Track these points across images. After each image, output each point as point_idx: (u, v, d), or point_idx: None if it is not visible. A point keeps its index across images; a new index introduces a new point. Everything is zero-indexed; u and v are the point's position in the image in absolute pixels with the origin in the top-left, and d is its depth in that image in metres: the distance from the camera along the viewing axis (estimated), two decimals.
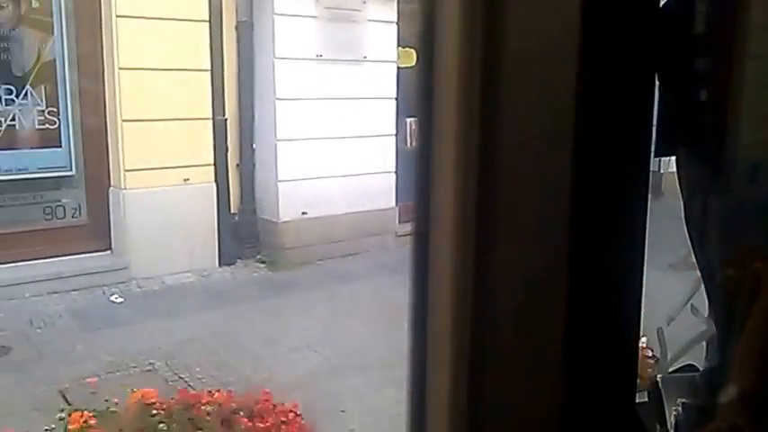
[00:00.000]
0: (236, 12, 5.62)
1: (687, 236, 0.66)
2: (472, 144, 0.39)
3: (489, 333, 0.41)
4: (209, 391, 2.66)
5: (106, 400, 2.67)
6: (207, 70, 5.39)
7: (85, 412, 2.42)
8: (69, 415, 2.44)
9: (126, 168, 5.09)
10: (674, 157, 0.67)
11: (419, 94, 0.42)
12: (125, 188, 5.12)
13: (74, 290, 4.80)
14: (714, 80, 0.59)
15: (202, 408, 2.45)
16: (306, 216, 5.65)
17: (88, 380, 3.62)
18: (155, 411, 2.41)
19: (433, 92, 0.40)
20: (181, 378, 3.71)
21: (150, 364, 3.85)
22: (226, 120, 5.56)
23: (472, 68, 0.39)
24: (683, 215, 0.66)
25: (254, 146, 5.75)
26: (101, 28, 5.09)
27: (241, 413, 2.47)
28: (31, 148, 5.11)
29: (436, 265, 0.41)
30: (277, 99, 5.57)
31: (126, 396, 2.79)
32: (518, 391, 0.41)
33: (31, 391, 3.57)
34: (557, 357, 0.41)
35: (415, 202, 0.43)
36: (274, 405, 2.58)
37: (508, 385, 0.41)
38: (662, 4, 0.49)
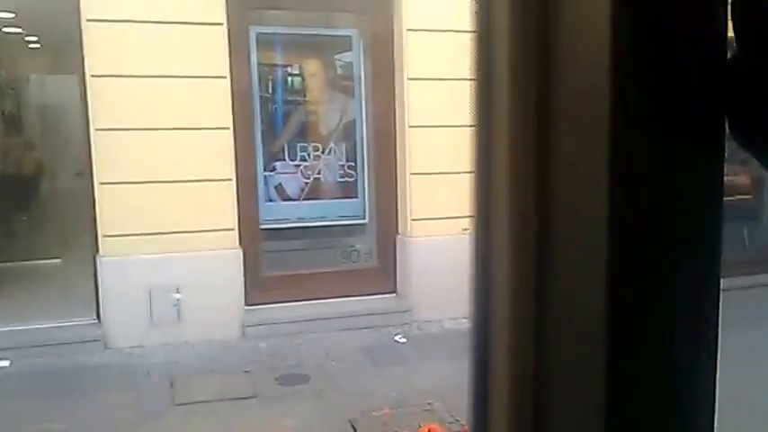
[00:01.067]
0: None
1: None
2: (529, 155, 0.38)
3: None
4: None
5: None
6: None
7: None
8: None
9: (412, 218, 5.41)
10: None
11: (475, 106, 0.41)
12: (410, 236, 5.44)
13: (364, 328, 5.18)
14: None
15: None
16: None
17: (374, 413, 3.84)
18: None
19: (490, 109, 0.40)
20: (457, 420, 3.73)
21: (429, 403, 3.95)
22: None
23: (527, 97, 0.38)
24: None
25: None
26: (393, 90, 5.56)
27: None
28: (332, 199, 5.72)
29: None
30: None
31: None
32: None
33: (327, 418, 3.89)
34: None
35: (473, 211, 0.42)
36: None
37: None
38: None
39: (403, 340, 5.07)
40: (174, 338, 4.88)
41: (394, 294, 5.56)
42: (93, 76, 4.87)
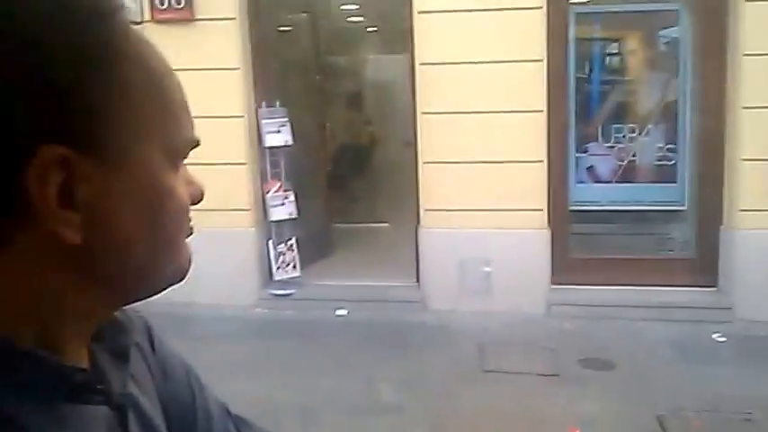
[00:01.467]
0: None
1: None
2: None
3: None
4: None
5: None
6: None
7: None
8: None
9: (741, 208, 4.95)
10: None
11: None
12: (737, 228, 4.99)
13: (676, 321, 4.93)
14: None
15: None
16: None
17: (684, 413, 3.71)
18: None
19: None
20: None
21: (748, 413, 3.68)
22: None
23: None
24: None
25: None
26: (725, 66, 5.07)
27: None
28: (648, 183, 5.49)
29: None
30: None
31: None
32: None
33: (632, 410, 3.85)
34: None
35: None
36: None
37: None
38: None
39: (722, 339, 4.71)
40: (482, 307, 5.23)
41: (714, 289, 5.16)
42: (421, 64, 5.36)
